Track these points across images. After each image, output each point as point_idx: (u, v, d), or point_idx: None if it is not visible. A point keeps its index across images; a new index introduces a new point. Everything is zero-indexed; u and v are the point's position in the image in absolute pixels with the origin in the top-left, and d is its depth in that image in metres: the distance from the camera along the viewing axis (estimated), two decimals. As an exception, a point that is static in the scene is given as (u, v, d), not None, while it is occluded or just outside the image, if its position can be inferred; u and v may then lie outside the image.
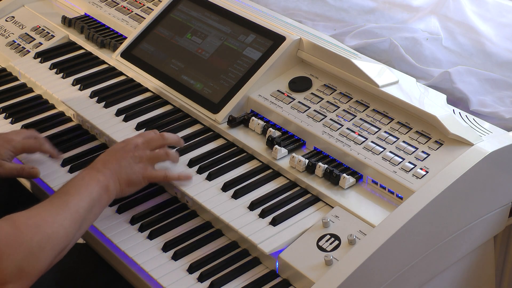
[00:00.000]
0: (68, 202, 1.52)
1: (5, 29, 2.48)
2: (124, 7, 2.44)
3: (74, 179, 1.61)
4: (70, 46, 2.37)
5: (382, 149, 1.72)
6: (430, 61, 2.14)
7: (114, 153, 1.69)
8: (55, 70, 2.25)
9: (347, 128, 1.79)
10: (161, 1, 2.34)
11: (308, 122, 1.84)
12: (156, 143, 1.76)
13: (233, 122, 1.92)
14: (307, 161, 1.75)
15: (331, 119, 1.83)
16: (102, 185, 1.60)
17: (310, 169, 1.75)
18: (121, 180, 1.65)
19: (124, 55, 2.22)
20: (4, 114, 2.12)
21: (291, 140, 1.84)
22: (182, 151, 1.86)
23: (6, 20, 2.53)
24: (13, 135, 1.87)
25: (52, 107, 2.16)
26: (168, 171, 1.75)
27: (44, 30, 2.43)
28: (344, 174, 1.70)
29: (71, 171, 1.87)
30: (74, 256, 1.82)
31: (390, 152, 1.71)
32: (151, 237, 1.68)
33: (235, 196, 1.72)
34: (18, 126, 2.06)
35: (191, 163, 1.82)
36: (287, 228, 1.63)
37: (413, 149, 1.70)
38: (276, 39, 1.99)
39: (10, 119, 2.10)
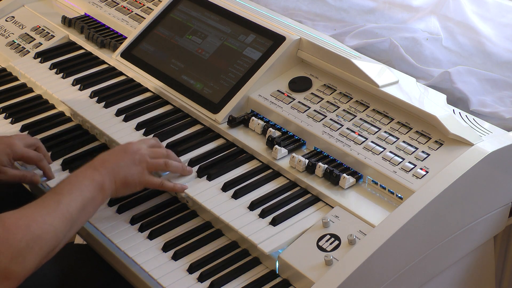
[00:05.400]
0: (60, 202, 1.51)
1: (5, 29, 2.48)
2: (124, 7, 2.44)
3: (69, 178, 1.60)
4: (70, 46, 2.37)
5: (382, 149, 1.72)
6: (430, 61, 2.14)
7: (115, 154, 1.68)
8: (55, 70, 2.24)
9: (347, 128, 1.79)
10: (161, 1, 2.34)
11: (308, 122, 1.84)
12: (159, 155, 1.75)
13: (233, 122, 1.92)
14: (307, 161, 1.75)
15: (331, 119, 1.83)
16: (97, 184, 1.59)
17: (310, 169, 1.75)
18: (117, 179, 1.64)
19: (124, 55, 2.22)
20: (4, 114, 2.12)
21: (291, 140, 1.84)
22: (182, 151, 1.86)
23: (6, 20, 2.53)
24: (15, 139, 1.84)
25: (52, 107, 2.16)
26: (164, 180, 1.74)
27: (44, 30, 2.43)
28: (344, 174, 1.70)
29: (70, 171, 1.87)
30: (75, 256, 1.83)
31: (390, 152, 1.71)
32: (151, 237, 1.68)
33: (235, 196, 1.72)
34: (18, 126, 2.06)
35: (191, 163, 1.82)
36: (287, 228, 1.63)
37: (413, 149, 1.70)
38: (276, 39, 1.99)
39: (10, 119, 2.10)
